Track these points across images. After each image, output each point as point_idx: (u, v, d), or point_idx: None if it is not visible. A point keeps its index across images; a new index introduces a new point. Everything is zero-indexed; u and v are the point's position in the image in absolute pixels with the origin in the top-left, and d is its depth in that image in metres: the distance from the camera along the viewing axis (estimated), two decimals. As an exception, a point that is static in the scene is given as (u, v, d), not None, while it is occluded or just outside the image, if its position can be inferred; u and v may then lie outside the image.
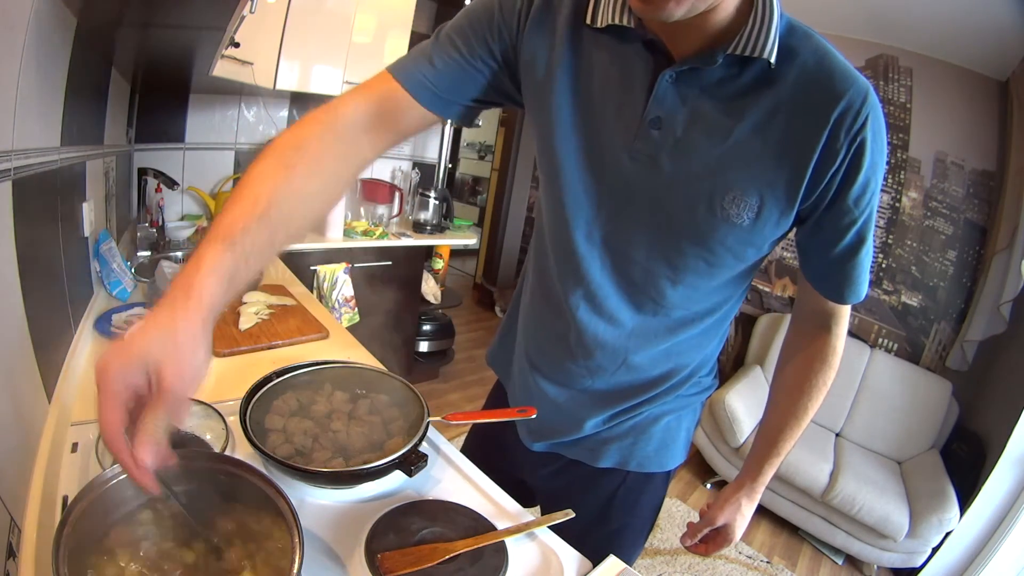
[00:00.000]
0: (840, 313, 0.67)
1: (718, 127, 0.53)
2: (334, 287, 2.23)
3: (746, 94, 0.52)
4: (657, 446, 0.76)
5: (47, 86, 0.81)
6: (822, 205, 0.55)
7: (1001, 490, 1.84)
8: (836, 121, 0.50)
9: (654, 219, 0.59)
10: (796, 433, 0.72)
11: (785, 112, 0.52)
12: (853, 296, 0.63)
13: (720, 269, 0.61)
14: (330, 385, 0.83)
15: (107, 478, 0.47)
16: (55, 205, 0.89)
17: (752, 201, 0.54)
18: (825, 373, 0.69)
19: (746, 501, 0.76)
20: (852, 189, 0.53)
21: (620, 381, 0.72)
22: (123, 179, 1.64)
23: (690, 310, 0.66)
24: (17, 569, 0.55)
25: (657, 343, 0.69)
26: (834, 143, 0.51)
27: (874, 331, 2.55)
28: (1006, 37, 2.04)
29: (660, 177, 0.57)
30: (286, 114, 2.36)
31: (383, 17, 2.16)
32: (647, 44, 0.54)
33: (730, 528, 0.76)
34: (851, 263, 0.59)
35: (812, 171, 0.52)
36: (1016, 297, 2.03)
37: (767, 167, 0.53)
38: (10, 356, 0.66)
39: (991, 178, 2.25)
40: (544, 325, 0.76)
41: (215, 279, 0.43)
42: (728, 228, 0.56)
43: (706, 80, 0.53)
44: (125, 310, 1.14)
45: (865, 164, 0.52)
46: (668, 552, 1.94)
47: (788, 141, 0.52)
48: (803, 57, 0.52)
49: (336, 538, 0.61)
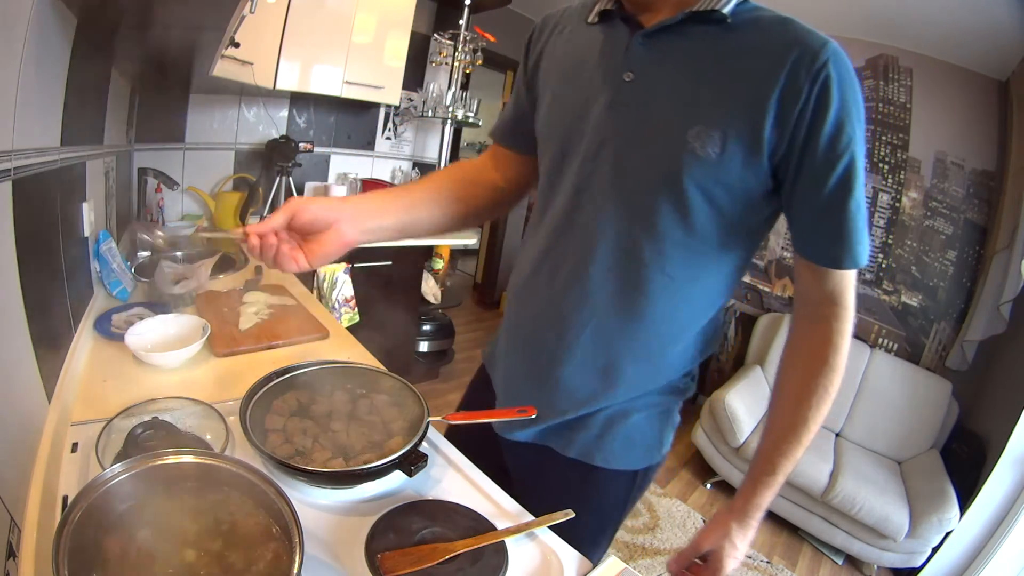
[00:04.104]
0: (839, 299, 0.61)
1: (683, 73, 0.59)
2: (334, 287, 2.23)
3: (709, 44, 0.58)
4: (623, 443, 0.74)
5: (47, 86, 0.81)
6: (796, 149, 0.56)
7: (1001, 490, 1.84)
8: (795, 61, 0.53)
9: (628, 163, 0.62)
10: (796, 449, 0.64)
11: (744, 56, 0.56)
12: (848, 256, 0.58)
13: (697, 227, 0.60)
14: (330, 385, 0.83)
15: (107, 478, 0.47)
16: (55, 205, 0.89)
17: (715, 134, 0.56)
18: (827, 376, 0.62)
19: (737, 528, 0.66)
20: (823, 129, 0.54)
21: (593, 373, 0.71)
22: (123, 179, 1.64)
23: (672, 306, 0.65)
24: (17, 569, 0.55)
25: (633, 335, 0.68)
26: (795, 82, 0.53)
27: (874, 331, 2.55)
28: (1006, 37, 2.04)
29: (633, 121, 0.61)
30: (286, 114, 2.36)
31: (383, 17, 2.16)
32: (625, 20, 0.63)
33: (717, 558, 0.66)
34: (839, 216, 0.56)
35: (776, 109, 0.54)
36: (1016, 297, 2.03)
37: (727, 104, 0.56)
38: (10, 356, 0.66)
39: (991, 178, 2.25)
40: (526, 309, 0.76)
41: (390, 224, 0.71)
42: (694, 160, 0.57)
43: (673, 37, 0.59)
44: (125, 310, 1.14)
45: (833, 103, 0.53)
46: (668, 552, 1.94)
47: (747, 80, 0.56)
48: (764, 16, 0.58)
49: (336, 538, 0.61)
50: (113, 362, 0.96)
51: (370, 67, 2.17)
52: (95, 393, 0.86)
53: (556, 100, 0.70)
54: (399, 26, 2.23)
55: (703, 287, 0.66)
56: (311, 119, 2.45)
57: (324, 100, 2.35)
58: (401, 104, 2.65)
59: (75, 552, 0.41)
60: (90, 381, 0.90)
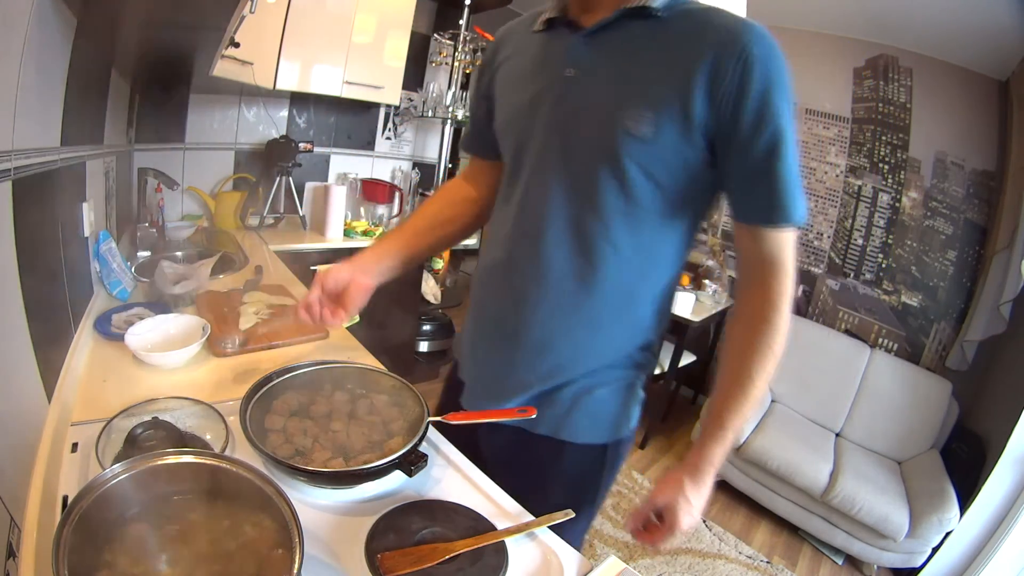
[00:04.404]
0: (778, 261, 0.64)
1: (618, 64, 0.65)
2: (334, 287, 2.23)
3: (642, 37, 0.64)
4: (590, 418, 0.77)
5: (47, 86, 0.82)
6: (725, 123, 0.60)
7: (1001, 490, 1.84)
8: (719, 44, 0.59)
9: (573, 148, 0.67)
10: (743, 405, 0.67)
11: (674, 44, 0.62)
12: (781, 215, 0.62)
13: (638, 200, 0.65)
14: (330, 385, 0.83)
15: (107, 478, 0.47)
16: (55, 205, 0.89)
17: (648, 115, 0.61)
18: (769, 335, 0.65)
19: (689, 482, 0.68)
20: (748, 103, 0.59)
21: (553, 345, 0.74)
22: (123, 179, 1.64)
23: (620, 276, 0.69)
24: (17, 569, 0.55)
25: (587, 306, 0.71)
26: (719, 62, 0.59)
27: (874, 331, 2.55)
28: (1006, 37, 2.04)
29: (575, 111, 0.67)
30: (286, 114, 2.36)
31: (383, 17, 2.16)
32: (568, 25, 0.69)
33: (672, 513, 0.68)
34: (770, 179, 0.60)
35: (704, 88, 0.59)
36: (1016, 297, 2.03)
37: (659, 88, 0.62)
38: (10, 356, 0.66)
39: (991, 178, 2.25)
40: (488, 291, 0.81)
41: (395, 263, 0.87)
42: (631, 140, 0.62)
43: (611, 33, 0.65)
44: (125, 310, 1.14)
45: (755, 79, 0.58)
46: (668, 552, 1.94)
47: (676, 65, 0.61)
48: (693, 8, 0.64)
49: (336, 538, 0.61)
50: (113, 362, 0.96)
51: (370, 67, 2.17)
52: (95, 393, 0.86)
53: (509, 102, 0.77)
54: (399, 26, 2.23)
55: (650, 258, 0.70)
56: (311, 119, 2.45)
57: (324, 100, 2.35)
58: (401, 104, 2.65)
59: (75, 552, 0.41)
60: (90, 381, 0.90)
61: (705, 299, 2.71)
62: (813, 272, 2.72)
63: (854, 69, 2.51)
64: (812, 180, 2.70)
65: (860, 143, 2.55)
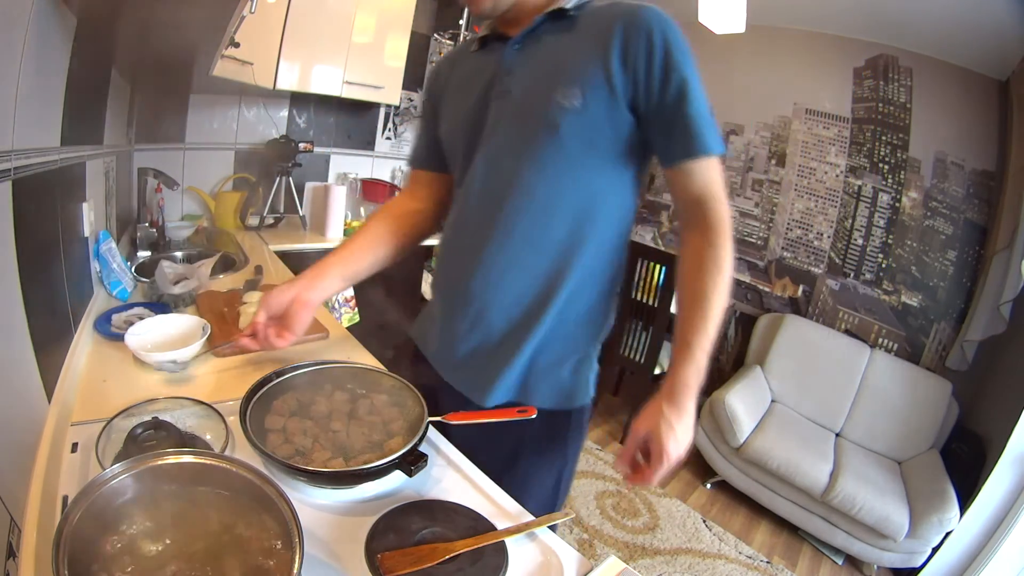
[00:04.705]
0: (710, 192, 0.73)
1: (546, 58, 0.76)
2: (334, 287, 2.23)
3: (561, 34, 0.76)
4: (551, 384, 0.83)
5: (47, 86, 0.82)
6: (641, 84, 0.71)
7: (1001, 490, 1.84)
8: (624, 24, 0.71)
9: (519, 128, 0.77)
10: (705, 323, 0.71)
11: (587, 33, 0.74)
12: (700, 144, 0.71)
13: (578, 164, 0.75)
14: (330, 385, 0.83)
15: (107, 478, 0.47)
16: (55, 205, 0.89)
17: (576, 90, 0.72)
18: (715, 256, 0.72)
19: (668, 407, 0.70)
20: (655, 63, 0.70)
21: (510, 305, 0.80)
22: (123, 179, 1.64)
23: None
24: (17, 569, 0.55)
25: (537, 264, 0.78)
26: (628, 37, 0.70)
27: (874, 331, 2.55)
28: (1006, 37, 2.04)
29: (516, 100, 0.77)
30: (286, 114, 2.36)
31: (383, 17, 2.16)
32: (500, 39, 0.81)
33: (657, 441, 0.69)
34: (684, 119, 0.70)
35: (618, 60, 0.71)
36: (1016, 297, 2.03)
37: (581, 67, 0.72)
38: (10, 356, 0.66)
39: (991, 178, 2.25)
40: (451, 264, 0.87)
41: (336, 279, 0.91)
42: (564, 111, 0.72)
43: (535, 36, 0.77)
44: (125, 310, 1.14)
45: (656, 42, 0.69)
46: (668, 552, 1.94)
47: (593, 47, 0.72)
48: (597, 5, 0.76)
49: (336, 538, 0.61)
50: (113, 362, 0.96)
51: (370, 67, 2.17)
52: (95, 393, 0.86)
53: (456, 108, 0.86)
54: (399, 26, 2.23)
55: (591, 215, 0.78)
56: (311, 119, 2.45)
57: (324, 100, 2.35)
58: (401, 104, 2.65)
59: (75, 552, 0.41)
60: (90, 381, 0.90)
61: (705, 299, 2.71)
62: (813, 272, 2.72)
63: (854, 69, 2.51)
64: (812, 180, 2.70)
65: (860, 143, 2.55)
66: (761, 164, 2.85)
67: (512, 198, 0.77)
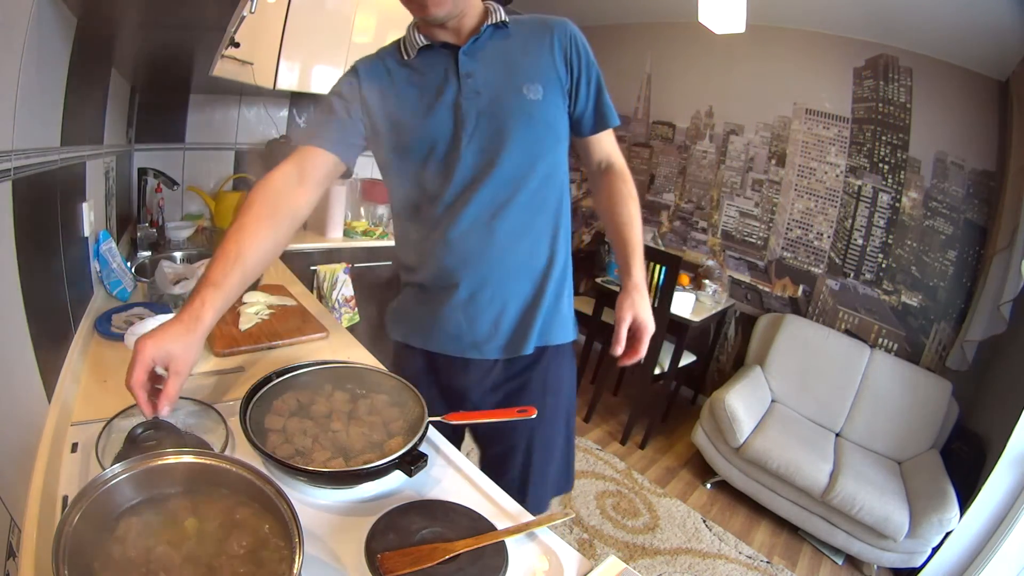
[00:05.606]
0: (614, 151, 1.03)
1: (501, 60, 0.90)
2: (334, 287, 2.23)
3: (505, 40, 0.91)
4: (560, 321, 0.99)
5: (47, 86, 0.82)
6: (574, 79, 0.94)
7: (1001, 490, 1.84)
8: (559, 34, 0.92)
9: (495, 120, 0.89)
10: (639, 238, 0.99)
11: (527, 40, 0.92)
12: (610, 118, 0.98)
13: (542, 138, 0.91)
14: (330, 385, 0.83)
15: (107, 478, 0.47)
16: (55, 205, 0.89)
17: (537, 85, 0.90)
18: (629, 188, 1.01)
19: (635, 292, 0.95)
20: (582, 64, 0.93)
21: (516, 262, 0.92)
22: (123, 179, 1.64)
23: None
24: (17, 569, 0.55)
25: (524, 223, 0.91)
26: (562, 42, 0.92)
27: (874, 331, 2.55)
28: (1006, 37, 2.04)
29: (487, 98, 0.89)
30: (286, 114, 2.37)
31: (383, 17, 2.16)
32: (445, 46, 0.90)
33: (638, 318, 0.93)
34: (600, 103, 0.96)
35: (560, 61, 0.92)
36: (1016, 297, 2.03)
37: (537, 67, 0.91)
38: (10, 356, 0.66)
39: (991, 178, 2.25)
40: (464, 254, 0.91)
41: (211, 311, 0.71)
42: (529, 102, 0.89)
43: (484, 43, 0.90)
44: (125, 310, 1.14)
45: (579, 45, 0.93)
46: (668, 552, 1.94)
47: (538, 51, 0.92)
48: (520, 18, 0.95)
49: (336, 538, 0.61)
50: (113, 362, 0.96)
51: (370, 67, 2.17)
52: (95, 393, 0.86)
53: (409, 112, 0.90)
54: (399, 26, 2.20)
55: (551, 180, 0.94)
56: (311, 119, 2.45)
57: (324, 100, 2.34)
58: (401, 104, 2.65)
59: (75, 552, 0.41)
60: (90, 381, 0.90)
61: (705, 299, 2.71)
62: (813, 272, 2.72)
63: (854, 69, 2.51)
64: (812, 180, 2.71)
65: (860, 143, 2.55)
66: (761, 164, 2.85)
67: (507, 175, 0.89)
